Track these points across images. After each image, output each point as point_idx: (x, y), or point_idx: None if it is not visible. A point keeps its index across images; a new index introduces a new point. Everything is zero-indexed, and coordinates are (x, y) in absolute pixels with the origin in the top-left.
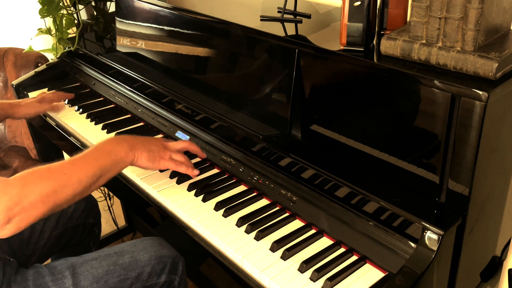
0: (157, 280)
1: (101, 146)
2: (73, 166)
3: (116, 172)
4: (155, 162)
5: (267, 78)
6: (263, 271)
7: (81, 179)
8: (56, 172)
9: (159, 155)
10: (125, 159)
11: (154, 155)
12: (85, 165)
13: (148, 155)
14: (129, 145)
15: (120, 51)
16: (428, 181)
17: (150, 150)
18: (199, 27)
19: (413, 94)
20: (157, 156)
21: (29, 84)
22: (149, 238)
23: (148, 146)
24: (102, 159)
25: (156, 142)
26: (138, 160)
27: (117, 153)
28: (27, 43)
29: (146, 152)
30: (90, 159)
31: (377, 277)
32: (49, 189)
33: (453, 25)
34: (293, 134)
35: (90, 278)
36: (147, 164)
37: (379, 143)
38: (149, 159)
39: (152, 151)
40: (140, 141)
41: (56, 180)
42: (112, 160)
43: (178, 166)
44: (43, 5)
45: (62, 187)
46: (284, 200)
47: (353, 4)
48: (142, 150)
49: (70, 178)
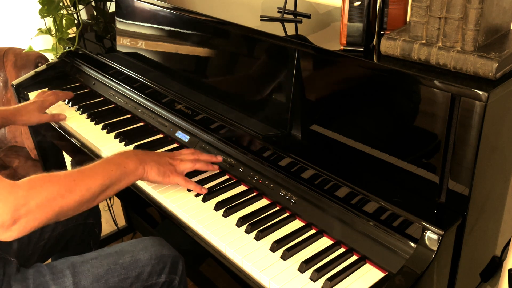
0: (157, 279)
1: (111, 158)
2: (82, 174)
3: (125, 184)
4: (165, 177)
5: (267, 78)
6: (263, 271)
7: (89, 187)
8: (65, 178)
9: (169, 170)
10: (135, 172)
11: (165, 170)
12: (94, 174)
13: (158, 170)
14: (139, 159)
15: (120, 51)
16: (428, 181)
17: (159, 164)
18: (199, 27)
19: (413, 94)
20: (167, 171)
21: (29, 84)
22: (149, 238)
23: (158, 161)
24: (111, 170)
25: (166, 158)
26: (148, 174)
27: (127, 165)
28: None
29: (156, 167)
30: (100, 169)
31: (377, 277)
32: (56, 193)
33: (453, 25)
34: (293, 134)
35: (91, 277)
36: (157, 179)
37: (379, 143)
38: (159, 174)
39: (162, 166)
40: (150, 156)
41: (64, 185)
42: (122, 172)
43: (188, 183)
44: (43, 5)
45: (70, 193)
46: (284, 200)
47: (353, 4)
48: (152, 165)
49: (78, 185)
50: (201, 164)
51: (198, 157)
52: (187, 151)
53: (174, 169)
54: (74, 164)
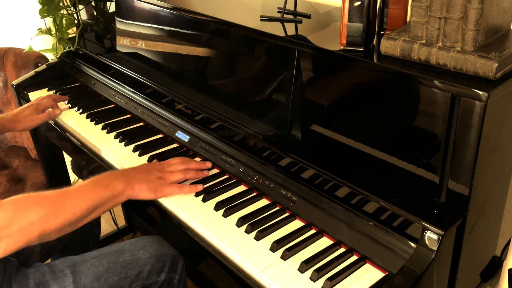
0: (157, 278)
1: (99, 179)
2: (68, 196)
3: (112, 206)
4: (157, 193)
5: (267, 78)
6: (263, 271)
7: (75, 210)
8: (51, 200)
9: (160, 184)
10: (123, 193)
11: (155, 185)
12: (81, 196)
13: (148, 187)
14: (128, 179)
15: (120, 51)
16: (428, 181)
17: (149, 181)
18: (199, 27)
19: (413, 94)
20: (158, 186)
21: (29, 84)
22: (149, 237)
23: (147, 178)
24: (98, 192)
25: (155, 172)
26: (139, 193)
27: (116, 187)
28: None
29: (146, 184)
30: (87, 191)
31: (377, 277)
32: (41, 215)
33: (453, 25)
34: (293, 134)
35: (91, 276)
36: (148, 196)
37: (379, 143)
38: (150, 191)
39: (153, 183)
40: (139, 174)
41: (49, 207)
42: (109, 194)
43: (182, 189)
44: (43, 5)
45: (55, 216)
46: (284, 200)
47: (353, 4)
48: (141, 183)
49: (63, 208)
50: (191, 173)
51: (188, 166)
52: (176, 161)
53: (164, 182)
54: (74, 164)
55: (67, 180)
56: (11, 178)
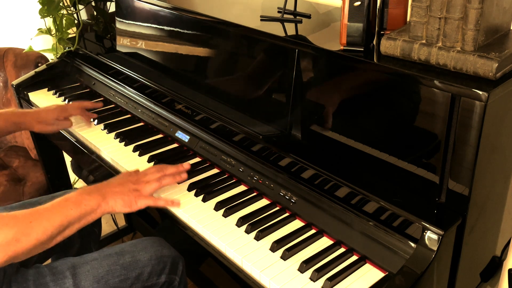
0: (157, 280)
1: (71, 196)
2: (39, 215)
3: (85, 223)
4: (132, 206)
5: (267, 78)
6: (263, 271)
7: (46, 229)
8: (21, 220)
9: (135, 196)
10: (97, 209)
11: (130, 198)
12: (52, 215)
13: (122, 200)
14: (101, 194)
15: (120, 51)
16: (428, 181)
17: (123, 194)
18: (199, 27)
19: (413, 94)
20: (132, 199)
21: (29, 84)
22: (149, 238)
23: (121, 191)
24: (70, 210)
25: (129, 184)
26: (114, 207)
27: (87, 203)
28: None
29: (120, 198)
30: (58, 208)
31: (377, 277)
32: (12, 237)
33: (453, 25)
34: (293, 134)
35: (91, 278)
36: (123, 209)
37: (379, 143)
38: (125, 205)
39: (127, 195)
40: (112, 188)
41: (20, 228)
42: (81, 211)
43: (156, 202)
44: (43, 5)
45: (26, 236)
46: (284, 200)
47: (353, 4)
48: (115, 197)
49: (34, 228)
50: (168, 179)
51: (164, 173)
52: (152, 170)
53: (139, 194)
54: (74, 164)
55: (67, 180)
56: (11, 178)
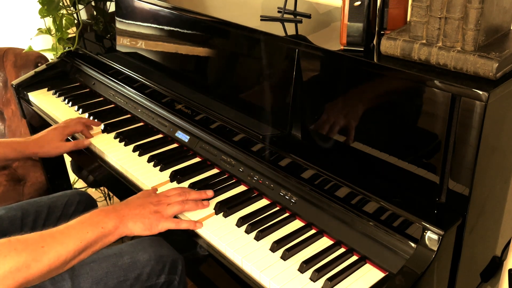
0: (156, 280)
1: (87, 218)
2: (52, 239)
3: (102, 245)
4: (152, 229)
5: (267, 78)
6: (263, 271)
7: (60, 254)
8: (33, 245)
9: (156, 219)
10: (114, 232)
11: (150, 221)
12: (67, 238)
13: (142, 223)
14: (119, 216)
15: (120, 51)
16: (428, 181)
17: (143, 216)
18: (199, 27)
19: (413, 94)
20: (153, 222)
21: (29, 84)
22: (148, 238)
23: (141, 213)
24: (87, 232)
25: (151, 206)
26: (133, 230)
27: (105, 225)
28: (27, 43)
29: (140, 221)
30: (73, 231)
31: (377, 277)
32: (22, 263)
33: (453, 25)
34: (293, 134)
35: (90, 280)
36: (143, 233)
37: (379, 143)
38: (145, 228)
39: (147, 218)
40: (132, 210)
41: (31, 253)
42: (99, 234)
43: (179, 224)
44: (43, 5)
45: (37, 262)
46: (284, 200)
47: (353, 4)
48: (135, 220)
49: (46, 253)
50: (190, 204)
51: (186, 197)
52: (174, 192)
53: (160, 216)
54: (74, 164)
55: (67, 180)
56: (11, 178)
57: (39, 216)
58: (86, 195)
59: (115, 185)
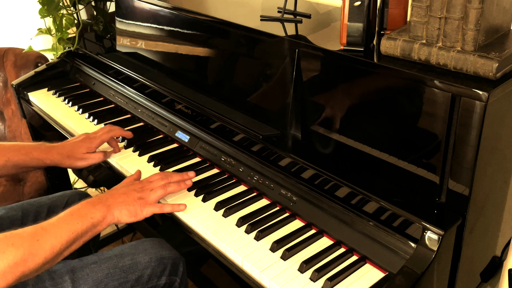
0: (157, 282)
1: (76, 210)
2: (45, 232)
3: (92, 235)
4: (137, 215)
5: (267, 78)
6: (263, 271)
7: (53, 246)
8: (28, 239)
9: (140, 205)
10: (102, 221)
11: (135, 208)
12: (59, 231)
13: (128, 211)
14: (105, 206)
15: (120, 51)
16: (428, 181)
17: (128, 204)
18: (199, 27)
19: (413, 94)
20: (138, 208)
21: (29, 84)
22: (149, 240)
23: (125, 201)
24: (76, 224)
25: (134, 193)
26: (119, 218)
27: (94, 215)
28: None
29: (126, 209)
30: (64, 224)
31: (377, 277)
32: (19, 258)
33: (453, 25)
34: (293, 134)
35: (90, 282)
36: (129, 220)
37: (379, 143)
38: (130, 215)
39: (132, 205)
40: (116, 198)
41: (27, 248)
42: (87, 224)
43: (163, 208)
44: (43, 5)
45: (33, 256)
46: (284, 200)
47: (353, 4)
48: (120, 208)
49: (41, 246)
50: (173, 186)
51: (168, 180)
52: (156, 177)
53: (144, 202)
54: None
55: (67, 180)
56: (11, 178)
57: (39, 216)
58: (86, 195)
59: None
